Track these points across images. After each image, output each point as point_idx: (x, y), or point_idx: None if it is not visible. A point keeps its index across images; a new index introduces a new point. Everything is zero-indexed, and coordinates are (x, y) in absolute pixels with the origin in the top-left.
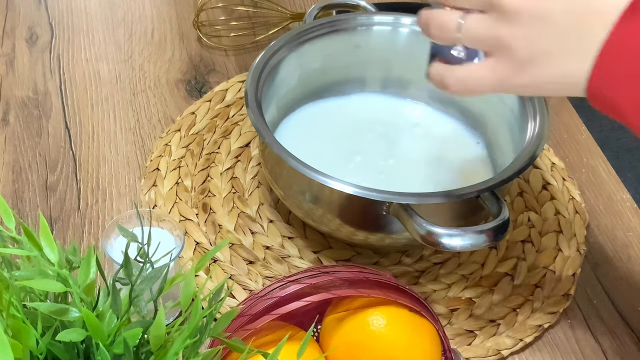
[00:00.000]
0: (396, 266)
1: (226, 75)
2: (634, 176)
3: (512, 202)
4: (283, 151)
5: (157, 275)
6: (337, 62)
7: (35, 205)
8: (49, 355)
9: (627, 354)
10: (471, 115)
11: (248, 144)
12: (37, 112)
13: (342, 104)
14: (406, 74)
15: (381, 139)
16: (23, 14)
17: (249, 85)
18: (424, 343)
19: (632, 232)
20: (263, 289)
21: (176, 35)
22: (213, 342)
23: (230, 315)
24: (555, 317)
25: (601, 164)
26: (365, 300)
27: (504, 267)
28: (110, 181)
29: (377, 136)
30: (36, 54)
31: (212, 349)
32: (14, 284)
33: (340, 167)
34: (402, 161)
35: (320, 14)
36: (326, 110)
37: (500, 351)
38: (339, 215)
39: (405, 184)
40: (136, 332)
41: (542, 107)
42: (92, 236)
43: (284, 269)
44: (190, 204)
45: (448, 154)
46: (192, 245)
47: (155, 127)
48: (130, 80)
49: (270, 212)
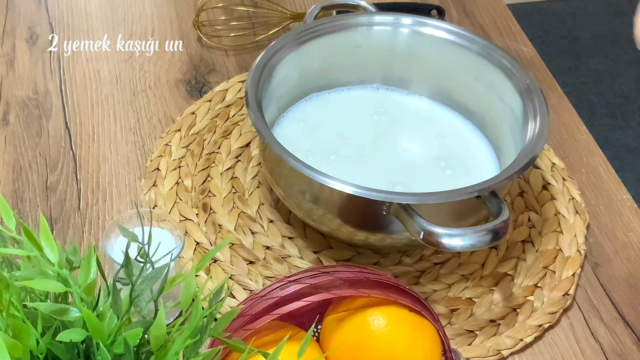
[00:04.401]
0: (396, 266)
1: (226, 75)
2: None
3: (512, 202)
4: (283, 151)
5: (158, 275)
6: (337, 62)
7: (35, 205)
8: (49, 355)
9: (627, 354)
10: (472, 115)
11: (248, 144)
12: (37, 112)
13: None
14: (406, 74)
15: (381, 136)
16: (23, 14)
17: (249, 85)
18: (424, 343)
19: (632, 232)
20: (263, 289)
21: (176, 35)
22: (213, 342)
23: (231, 315)
24: (555, 317)
25: (601, 164)
26: (365, 300)
27: (504, 267)
28: (110, 181)
29: (377, 134)
30: (36, 54)
31: (213, 349)
32: (14, 284)
33: (338, 163)
34: (402, 160)
35: (320, 14)
36: (326, 104)
37: (500, 351)
38: (339, 215)
39: (406, 183)
40: (137, 332)
41: (543, 107)
42: (92, 236)
43: (284, 269)
44: (190, 204)
45: (449, 153)
46: (193, 245)
47: (156, 127)
48: (130, 80)
49: (271, 212)
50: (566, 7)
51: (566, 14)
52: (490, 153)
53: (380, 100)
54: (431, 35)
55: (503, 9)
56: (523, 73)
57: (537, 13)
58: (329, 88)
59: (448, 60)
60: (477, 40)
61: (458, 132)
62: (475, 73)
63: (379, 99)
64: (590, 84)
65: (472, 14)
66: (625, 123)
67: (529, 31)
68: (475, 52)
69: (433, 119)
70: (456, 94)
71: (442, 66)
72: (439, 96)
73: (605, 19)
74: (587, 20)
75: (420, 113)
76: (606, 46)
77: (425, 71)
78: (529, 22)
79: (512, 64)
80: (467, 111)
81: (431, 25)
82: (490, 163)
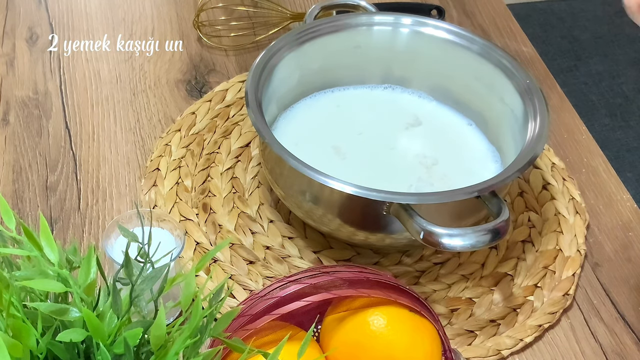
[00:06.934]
0: (396, 266)
1: (226, 75)
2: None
3: (512, 202)
4: (283, 151)
5: (158, 275)
6: (337, 62)
7: (35, 205)
8: (49, 355)
9: (627, 354)
10: (472, 115)
11: (248, 144)
12: (37, 112)
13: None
14: (406, 74)
15: (380, 135)
16: (23, 14)
17: (249, 85)
18: (424, 343)
19: (632, 232)
20: (263, 289)
21: (176, 35)
22: (213, 342)
23: (231, 315)
24: (555, 317)
25: (601, 164)
26: (365, 300)
27: (504, 267)
28: (110, 181)
29: (377, 134)
30: (36, 54)
31: (213, 349)
32: (14, 284)
33: (338, 162)
34: (402, 159)
35: (320, 14)
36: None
37: (500, 351)
38: (339, 215)
39: (406, 182)
40: (137, 332)
41: (543, 107)
42: (92, 236)
43: (284, 269)
44: (190, 204)
45: (449, 152)
46: (193, 245)
47: (156, 127)
48: (130, 80)
49: (271, 212)
50: (566, 7)
51: (566, 14)
52: (490, 153)
53: (380, 100)
54: (431, 35)
55: (503, 9)
56: (523, 73)
57: (537, 13)
58: (329, 88)
59: (448, 60)
60: (477, 40)
61: (458, 132)
62: (475, 73)
63: (379, 98)
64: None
65: (472, 14)
66: (625, 123)
67: (529, 31)
68: (475, 52)
69: (433, 118)
70: (456, 94)
71: (442, 66)
72: (439, 96)
73: (605, 19)
74: (587, 20)
75: (420, 113)
76: (606, 46)
77: (425, 71)
78: (529, 22)
79: (512, 64)
80: (467, 111)
81: (431, 25)
82: (490, 163)
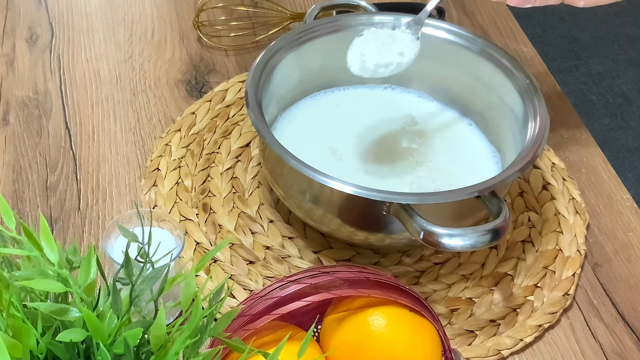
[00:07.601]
0: (396, 266)
1: (226, 75)
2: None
3: (512, 202)
4: (283, 151)
5: (158, 275)
6: (337, 62)
7: (35, 205)
8: (49, 355)
9: (627, 354)
10: (472, 115)
11: (248, 144)
12: (37, 112)
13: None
14: (406, 74)
15: (381, 135)
16: (23, 14)
17: (249, 85)
18: (424, 343)
19: (632, 232)
20: (263, 289)
21: (176, 35)
22: (213, 342)
23: (231, 315)
24: (555, 317)
25: (601, 164)
26: (365, 300)
27: (504, 267)
28: (110, 181)
29: (377, 134)
30: (36, 54)
31: (213, 349)
32: (14, 284)
33: (337, 162)
34: (402, 159)
35: (321, 14)
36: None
37: (500, 351)
38: (339, 216)
39: (406, 182)
40: (137, 332)
41: (542, 107)
42: (92, 236)
43: (284, 269)
44: (190, 204)
45: (449, 152)
46: (193, 245)
47: (156, 127)
48: (130, 80)
49: (271, 212)
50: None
51: (566, 14)
52: (490, 153)
53: (380, 100)
54: (431, 35)
55: (503, 9)
56: (523, 73)
57: (537, 13)
58: (328, 88)
59: (448, 60)
60: (477, 40)
61: (458, 132)
62: (475, 73)
63: (379, 98)
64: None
65: (472, 14)
66: (625, 123)
67: (529, 31)
68: (475, 52)
69: (433, 119)
70: (456, 94)
71: (442, 66)
72: (439, 96)
73: (605, 19)
74: (587, 20)
75: (420, 113)
76: (606, 46)
77: (425, 71)
78: (529, 22)
79: (512, 64)
80: (467, 111)
81: (431, 25)
82: (490, 163)
